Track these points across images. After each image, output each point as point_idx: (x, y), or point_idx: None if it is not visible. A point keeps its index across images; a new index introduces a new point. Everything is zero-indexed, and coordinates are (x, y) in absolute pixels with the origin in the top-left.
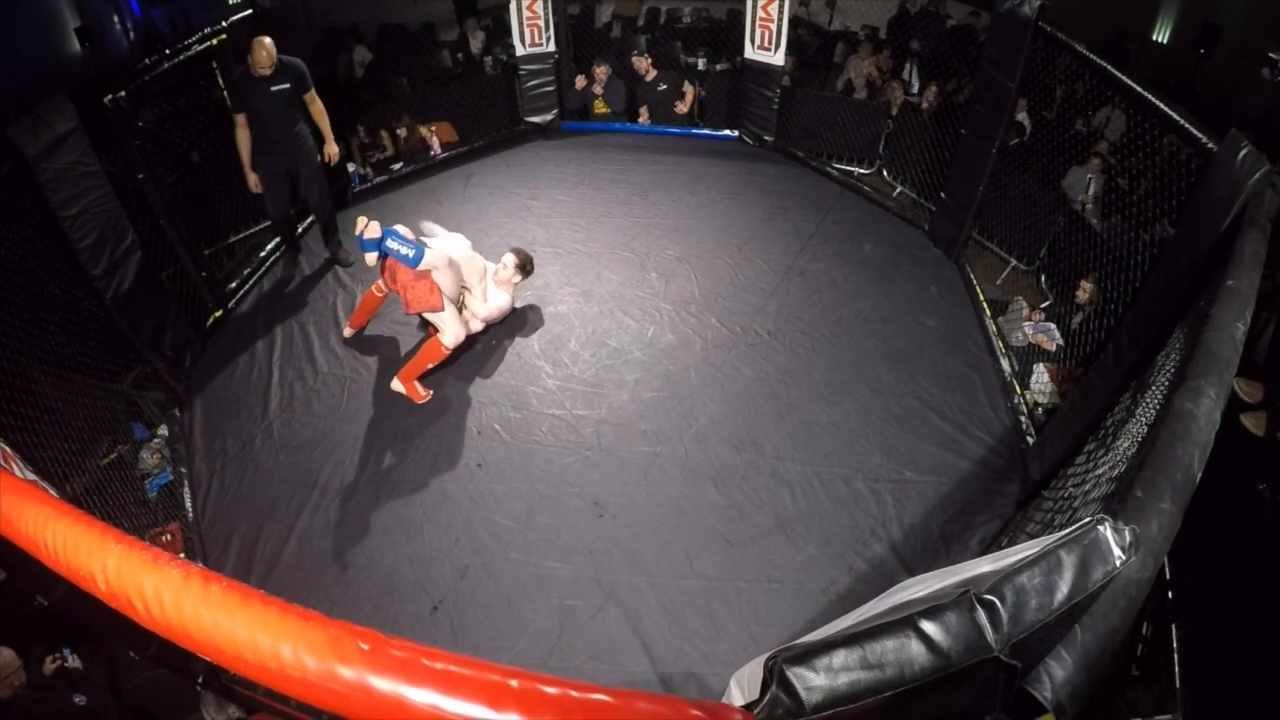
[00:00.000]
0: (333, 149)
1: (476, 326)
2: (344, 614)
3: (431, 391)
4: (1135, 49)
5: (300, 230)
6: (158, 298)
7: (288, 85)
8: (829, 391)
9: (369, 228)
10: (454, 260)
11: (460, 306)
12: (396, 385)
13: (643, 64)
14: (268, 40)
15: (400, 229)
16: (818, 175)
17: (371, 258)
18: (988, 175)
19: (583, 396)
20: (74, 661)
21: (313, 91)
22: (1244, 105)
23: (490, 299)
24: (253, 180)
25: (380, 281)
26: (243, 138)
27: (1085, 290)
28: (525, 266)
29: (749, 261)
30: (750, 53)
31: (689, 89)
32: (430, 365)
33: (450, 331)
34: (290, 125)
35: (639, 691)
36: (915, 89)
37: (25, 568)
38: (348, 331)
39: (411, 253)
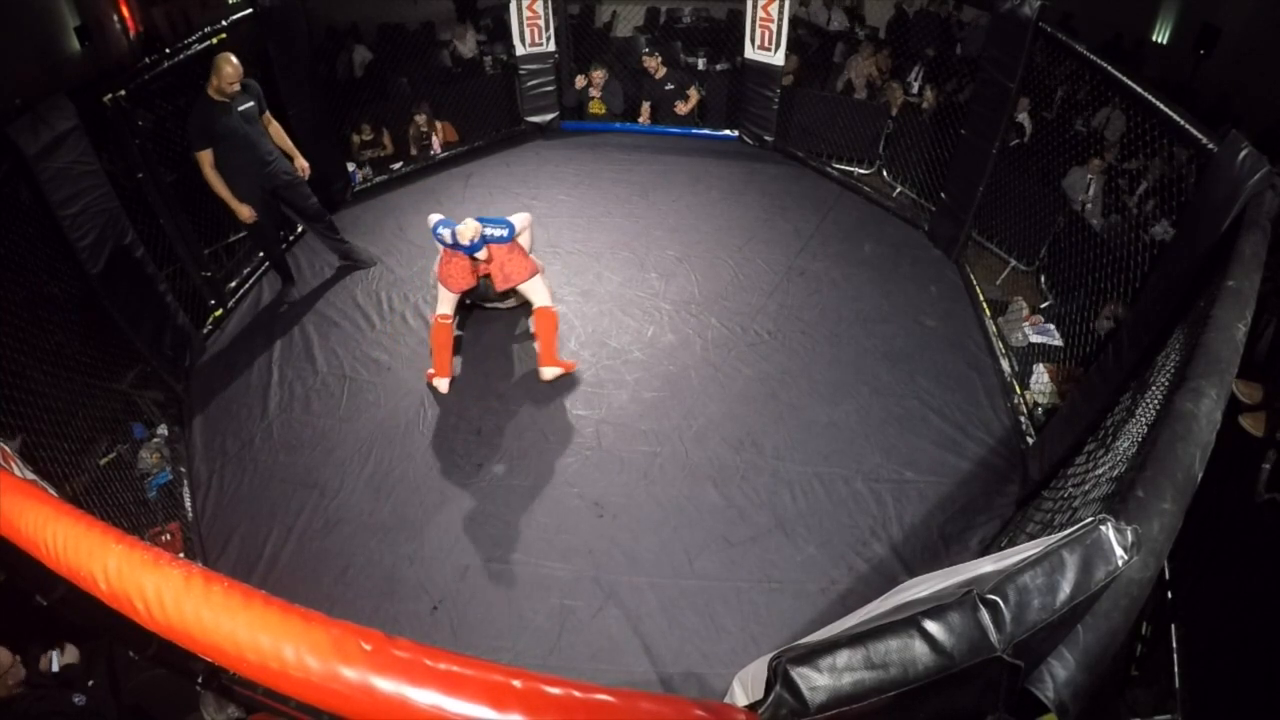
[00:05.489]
0: (303, 163)
1: None
2: (344, 614)
3: (577, 361)
4: (1129, 47)
5: (291, 240)
6: (157, 297)
7: (253, 103)
8: (829, 391)
9: (465, 229)
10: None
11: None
12: (548, 373)
13: (652, 62)
14: (231, 55)
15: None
16: (818, 175)
17: (484, 253)
18: (988, 175)
19: (583, 396)
20: (68, 657)
21: (268, 112)
22: (1244, 106)
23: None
24: (246, 211)
25: (445, 296)
26: (215, 176)
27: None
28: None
29: (749, 261)
30: (750, 53)
31: (693, 93)
32: (556, 334)
33: (543, 292)
34: (264, 142)
35: (642, 692)
36: (916, 90)
37: (25, 568)
38: (445, 386)
39: (505, 231)
